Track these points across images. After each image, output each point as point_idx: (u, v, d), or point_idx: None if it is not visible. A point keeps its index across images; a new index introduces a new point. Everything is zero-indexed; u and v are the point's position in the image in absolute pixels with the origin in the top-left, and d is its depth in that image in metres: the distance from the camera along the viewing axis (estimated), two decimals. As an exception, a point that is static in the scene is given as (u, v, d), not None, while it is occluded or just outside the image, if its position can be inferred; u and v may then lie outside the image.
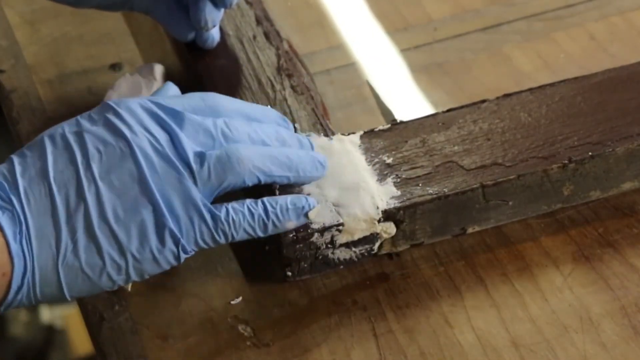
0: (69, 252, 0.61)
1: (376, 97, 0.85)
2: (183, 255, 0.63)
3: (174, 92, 0.70)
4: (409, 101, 0.85)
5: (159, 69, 0.82)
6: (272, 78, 0.80)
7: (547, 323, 0.69)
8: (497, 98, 0.76)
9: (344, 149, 0.72)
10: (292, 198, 0.66)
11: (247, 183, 0.65)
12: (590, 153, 0.72)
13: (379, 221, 0.69)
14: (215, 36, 0.82)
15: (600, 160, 0.72)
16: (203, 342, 0.68)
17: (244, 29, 0.84)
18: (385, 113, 0.84)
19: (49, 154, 0.63)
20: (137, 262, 0.62)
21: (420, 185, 0.70)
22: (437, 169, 0.71)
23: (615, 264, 0.72)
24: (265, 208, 0.65)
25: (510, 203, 0.72)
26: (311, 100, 0.78)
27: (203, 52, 0.82)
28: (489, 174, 0.71)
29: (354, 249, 0.71)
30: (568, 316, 0.69)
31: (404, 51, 0.89)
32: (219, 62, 0.81)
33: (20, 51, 0.88)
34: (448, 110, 0.76)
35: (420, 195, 0.70)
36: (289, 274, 0.70)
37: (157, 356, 0.68)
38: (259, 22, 0.85)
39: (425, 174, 0.71)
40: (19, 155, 0.63)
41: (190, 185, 0.63)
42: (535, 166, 0.71)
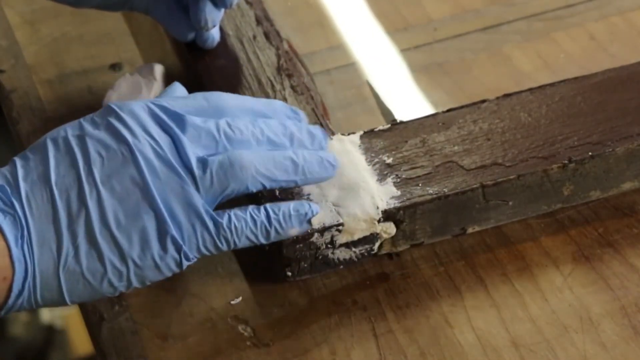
0: (70, 258, 0.60)
1: (376, 97, 0.85)
2: (185, 262, 0.63)
3: (181, 93, 0.68)
4: (409, 101, 0.85)
5: (159, 69, 0.82)
6: (272, 78, 0.80)
7: (547, 323, 0.69)
8: (497, 98, 0.76)
9: (344, 148, 0.72)
10: (295, 204, 0.66)
11: (251, 189, 0.64)
12: (590, 153, 0.72)
13: (379, 221, 0.69)
14: (215, 36, 0.82)
15: (600, 160, 0.72)
16: (203, 342, 0.68)
17: (244, 29, 0.84)
18: (385, 113, 0.84)
19: (51, 158, 0.62)
20: (139, 268, 0.62)
21: (420, 185, 0.70)
22: (437, 169, 0.71)
23: (615, 264, 0.72)
24: (267, 215, 0.65)
25: (510, 203, 0.72)
26: (311, 100, 0.78)
27: (203, 52, 0.82)
28: (489, 174, 0.71)
29: (354, 249, 0.70)
30: (568, 316, 0.69)
31: (404, 51, 0.89)
32: (219, 62, 0.81)
33: (20, 51, 0.88)
34: (448, 110, 0.76)
35: (420, 195, 0.70)
36: (289, 274, 0.70)
37: (157, 356, 0.68)
38: (259, 22, 0.84)
39: (425, 174, 0.71)
40: (21, 158, 0.63)
41: (192, 191, 0.62)
42: (535, 166, 0.71)
